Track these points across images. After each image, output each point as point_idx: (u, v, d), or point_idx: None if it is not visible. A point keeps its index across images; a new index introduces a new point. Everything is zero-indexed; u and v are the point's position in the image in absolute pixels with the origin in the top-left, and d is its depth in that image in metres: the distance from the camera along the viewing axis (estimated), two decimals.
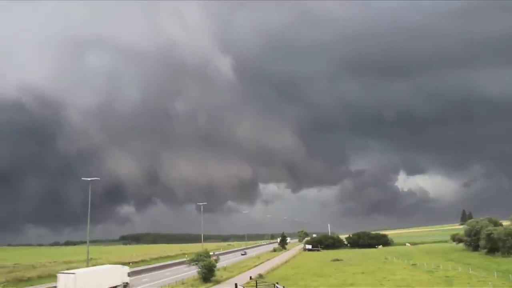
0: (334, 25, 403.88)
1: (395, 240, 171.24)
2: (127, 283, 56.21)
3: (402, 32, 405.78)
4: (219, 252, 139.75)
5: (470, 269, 64.24)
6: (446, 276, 57.36)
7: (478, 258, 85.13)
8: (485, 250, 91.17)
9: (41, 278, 71.18)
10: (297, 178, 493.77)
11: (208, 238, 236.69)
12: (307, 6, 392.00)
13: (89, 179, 71.59)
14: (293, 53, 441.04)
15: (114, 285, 52.57)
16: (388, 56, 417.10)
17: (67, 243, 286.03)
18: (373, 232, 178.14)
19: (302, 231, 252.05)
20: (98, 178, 75.37)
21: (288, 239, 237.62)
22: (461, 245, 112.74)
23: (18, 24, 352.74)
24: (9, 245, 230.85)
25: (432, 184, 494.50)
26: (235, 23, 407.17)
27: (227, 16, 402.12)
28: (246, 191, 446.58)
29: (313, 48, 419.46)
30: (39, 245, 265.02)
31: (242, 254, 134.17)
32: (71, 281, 46.11)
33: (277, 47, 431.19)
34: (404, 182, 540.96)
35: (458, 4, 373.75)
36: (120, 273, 55.75)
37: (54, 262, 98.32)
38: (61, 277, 47.30)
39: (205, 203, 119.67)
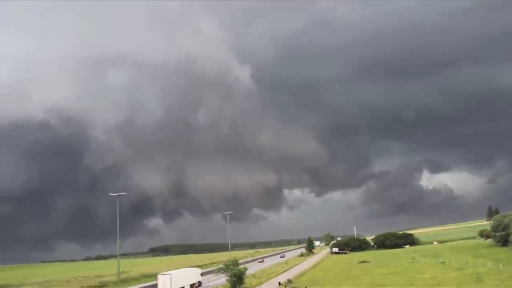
0: (348, 28, 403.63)
1: (422, 239, 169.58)
2: (200, 281, 68.82)
3: (417, 32, 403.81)
4: (262, 256, 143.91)
5: (500, 264, 63.75)
6: (476, 273, 57.11)
7: (507, 253, 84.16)
8: None
9: None
10: (321, 182, 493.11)
11: (236, 246, 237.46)
12: (319, 11, 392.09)
13: (116, 194, 73.77)
14: (308, 59, 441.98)
15: (194, 282, 65.23)
16: (404, 56, 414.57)
17: (98, 258, 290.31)
18: (400, 232, 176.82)
19: (328, 235, 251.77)
20: (125, 193, 77.71)
21: (317, 243, 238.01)
22: (489, 240, 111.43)
23: (40, 45, 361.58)
24: (43, 261, 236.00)
25: (456, 181, 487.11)
26: (250, 34, 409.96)
27: (242, 27, 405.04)
28: (271, 197, 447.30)
29: (328, 53, 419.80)
30: (72, 260, 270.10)
31: (281, 257, 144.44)
32: (168, 280, 58.78)
33: (293, 54, 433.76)
34: (428, 180, 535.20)
35: (472, 1, 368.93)
36: (197, 273, 69.22)
37: (87, 276, 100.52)
38: (160, 277, 60.32)
39: (231, 212, 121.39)
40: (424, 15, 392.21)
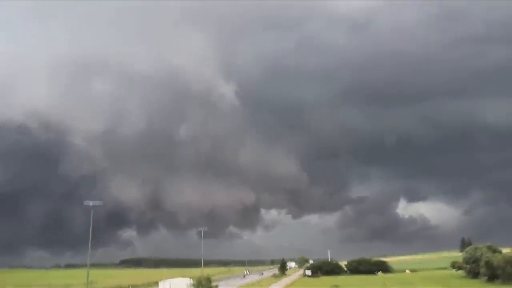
0: (334, 52, 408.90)
1: (396, 267, 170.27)
2: None
3: (402, 60, 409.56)
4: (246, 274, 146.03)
5: None
6: None
7: (478, 285, 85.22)
8: (485, 278, 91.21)
9: None
10: (299, 204, 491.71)
11: (209, 263, 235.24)
12: (306, 33, 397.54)
13: (91, 203, 72.74)
14: (293, 80, 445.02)
15: None
16: (388, 84, 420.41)
17: (68, 266, 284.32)
18: (374, 259, 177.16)
19: (302, 257, 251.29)
20: (101, 202, 76.54)
21: (292, 264, 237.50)
22: (460, 272, 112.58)
23: (25, 47, 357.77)
24: (10, 267, 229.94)
25: (432, 211, 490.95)
26: (237, 52, 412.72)
27: (229, 45, 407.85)
28: (248, 216, 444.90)
29: (313, 75, 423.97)
30: (41, 267, 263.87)
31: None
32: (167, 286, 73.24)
33: (278, 75, 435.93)
34: (405, 209, 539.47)
35: (457, 35, 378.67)
36: (187, 284, 75.44)
37: (53, 285, 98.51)
38: (161, 283, 75.49)
39: (205, 228, 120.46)
40: (409, 45, 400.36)
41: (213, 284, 62.27)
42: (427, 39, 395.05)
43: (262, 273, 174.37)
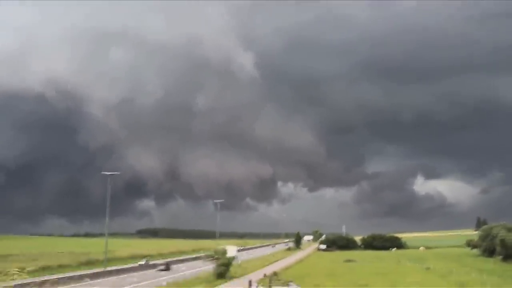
0: (354, 26, 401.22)
1: (410, 244, 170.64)
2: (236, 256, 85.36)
3: (422, 35, 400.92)
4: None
5: (484, 275, 64.39)
6: (460, 281, 57.69)
7: (493, 264, 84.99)
8: (500, 257, 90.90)
9: (61, 267, 73.62)
10: (315, 178, 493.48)
11: (224, 235, 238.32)
12: (327, 6, 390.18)
13: (108, 173, 73.71)
14: (312, 53, 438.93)
15: (234, 255, 76.33)
16: (407, 59, 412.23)
17: (87, 235, 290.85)
18: (388, 235, 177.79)
19: (317, 231, 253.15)
20: (118, 172, 77.65)
21: (309, 237, 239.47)
22: (475, 250, 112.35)
23: (41, 16, 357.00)
24: (31, 234, 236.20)
25: (450, 189, 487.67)
26: (255, 23, 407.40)
27: (248, 16, 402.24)
28: (265, 189, 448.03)
29: (332, 49, 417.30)
30: (60, 235, 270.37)
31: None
32: (231, 248, 79.43)
33: (297, 47, 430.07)
34: (422, 186, 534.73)
35: (485, 9, 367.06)
36: (236, 249, 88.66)
37: (74, 252, 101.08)
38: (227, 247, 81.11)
39: (222, 200, 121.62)
40: (431, 19, 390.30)
41: (229, 256, 63.21)
42: (449, 14, 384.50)
43: (274, 246, 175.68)
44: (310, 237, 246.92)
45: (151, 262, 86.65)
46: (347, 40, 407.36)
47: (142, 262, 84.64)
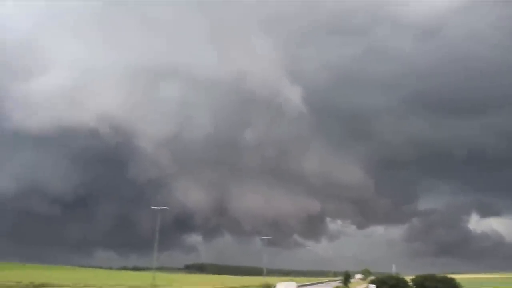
0: (401, 59, 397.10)
1: (464, 285, 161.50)
2: None
3: (472, 67, 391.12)
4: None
5: None
6: None
7: None
8: None
9: None
10: (364, 215, 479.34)
11: (270, 272, 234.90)
12: (373, 39, 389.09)
13: (158, 207, 74.56)
14: (360, 87, 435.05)
15: None
16: (458, 93, 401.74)
17: (135, 268, 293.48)
18: (441, 275, 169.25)
19: (365, 270, 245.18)
20: (167, 208, 78.51)
21: (358, 276, 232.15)
22: None
23: (95, 52, 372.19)
24: (81, 266, 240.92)
25: (507, 227, 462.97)
26: (303, 56, 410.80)
27: (295, 50, 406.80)
28: (313, 225, 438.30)
29: (379, 83, 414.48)
30: (109, 268, 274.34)
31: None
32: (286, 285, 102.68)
33: (344, 81, 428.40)
34: (477, 224, 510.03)
35: None
36: (295, 285, 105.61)
37: (122, 285, 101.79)
38: (279, 284, 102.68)
39: (270, 237, 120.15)
40: (480, 50, 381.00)
41: None
42: (499, 43, 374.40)
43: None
44: (360, 275, 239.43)
45: None
46: (394, 74, 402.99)
47: None
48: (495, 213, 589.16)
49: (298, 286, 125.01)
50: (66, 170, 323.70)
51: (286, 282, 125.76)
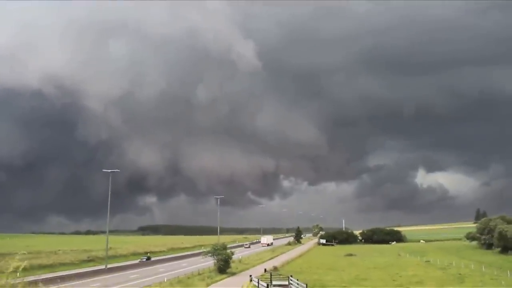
0: (354, 18, 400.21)
1: (410, 237, 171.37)
2: (272, 242, 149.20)
3: (422, 28, 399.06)
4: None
5: (483, 267, 64.84)
6: (459, 274, 58.13)
7: (491, 256, 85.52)
8: (499, 249, 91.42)
9: (62, 265, 73.82)
10: (316, 171, 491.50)
11: (225, 231, 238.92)
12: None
13: (109, 171, 73.84)
14: (312, 45, 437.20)
15: (271, 242, 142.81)
16: (407, 52, 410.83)
17: (88, 233, 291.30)
18: (388, 228, 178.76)
19: (317, 226, 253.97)
20: (118, 170, 77.69)
21: (308, 235, 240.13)
22: (474, 243, 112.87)
23: (39, 10, 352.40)
24: (32, 232, 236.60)
25: (452, 181, 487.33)
26: (255, 13, 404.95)
27: (247, 7, 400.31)
28: (267, 183, 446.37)
29: (332, 42, 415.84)
30: (61, 233, 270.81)
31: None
32: (266, 238, 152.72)
33: (297, 38, 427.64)
34: (424, 178, 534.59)
35: (484, 3, 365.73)
36: (272, 238, 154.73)
37: (75, 250, 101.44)
38: (262, 238, 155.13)
39: (222, 196, 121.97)
40: (432, 11, 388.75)
41: (228, 251, 63.48)
42: (450, 6, 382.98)
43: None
44: (308, 234, 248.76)
45: (156, 259, 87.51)
46: (347, 33, 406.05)
47: (144, 259, 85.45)
48: (441, 168, 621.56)
49: (274, 239, 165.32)
50: (10, 133, 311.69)
51: (266, 236, 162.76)
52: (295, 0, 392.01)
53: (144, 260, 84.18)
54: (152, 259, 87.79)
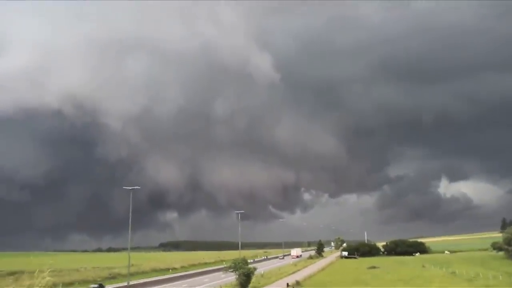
0: (369, 28, 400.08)
1: (434, 248, 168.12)
2: (301, 255, 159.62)
3: (439, 34, 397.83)
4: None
5: None
6: (487, 286, 56.65)
7: None
8: None
9: (85, 282, 74.19)
10: (337, 183, 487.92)
11: (246, 246, 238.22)
12: (341, 9, 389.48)
13: (130, 188, 74.17)
14: (329, 56, 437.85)
15: (300, 254, 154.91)
16: (425, 59, 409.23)
17: (109, 250, 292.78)
18: (411, 240, 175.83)
19: (338, 239, 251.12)
20: (139, 187, 78.00)
21: (328, 248, 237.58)
22: (501, 253, 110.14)
23: (56, 30, 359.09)
24: (55, 250, 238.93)
25: (475, 190, 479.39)
26: (270, 27, 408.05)
27: (262, 20, 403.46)
28: (288, 196, 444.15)
29: (348, 52, 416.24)
30: (83, 251, 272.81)
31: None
32: (296, 250, 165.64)
33: (313, 50, 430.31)
34: (446, 188, 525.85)
35: (503, 5, 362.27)
36: (300, 250, 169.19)
37: (97, 267, 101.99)
38: (292, 251, 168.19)
39: (242, 211, 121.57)
40: (447, 18, 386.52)
41: (250, 266, 63.03)
42: (466, 12, 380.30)
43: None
44: (331, 245, 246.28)
45: (177, 275, 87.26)
46: (362, 43, 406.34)
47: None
48: (463, 176, 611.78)
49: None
50: (33, 154, 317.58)
51: (296, 249, 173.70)
52: (309, 11, 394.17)
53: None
54: (175, 275, 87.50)
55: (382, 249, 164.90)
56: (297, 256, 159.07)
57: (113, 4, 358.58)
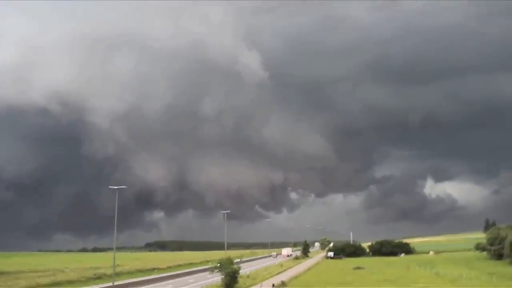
0: (358, 28, 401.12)
1: (419, 249, 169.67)
2: (291, 254, 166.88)
3: (427, 36, 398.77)
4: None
5: (494, 278, 64.00)
6: (471, 286, 57.36)
7: (502, 267, 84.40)
8: (510, 259, 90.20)
9: (69, 283, 73.54)
10: (324, 183, 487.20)
11: (232, 246, 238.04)
12: (331, 9, 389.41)
13: (116, 187, 73.64)
14: (317, 56, 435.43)
15: (291, 253, 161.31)
16: (413, 60, 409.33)
17: (95, 250, 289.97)
18: (396, 241, 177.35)
19: (324, 239, 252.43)
20: (125, 187, 77.45)
21: (316, 247, 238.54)
22: (484, 253, 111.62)
23: (42, 26, 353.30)
24: (40, 250, 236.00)
25: (460, 191, 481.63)
26: (259, 25, 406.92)
27: (251, 18, 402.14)
28: (275, 196, 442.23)
29: (337, 52, 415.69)
30: (69, 251, 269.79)
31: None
32: (287, 250, 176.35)
33: (302, 50, 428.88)
34: (432, 189, 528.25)
35: (490, 7, 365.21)
36: (291, 250, 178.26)
37: (82, 268, 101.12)
38: (283, 249, 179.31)
39: (228, 211, 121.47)
40: (435, 19, 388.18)
41: (235, 266, 63.05)
42: (454, 14, 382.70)
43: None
44: (316, 246, 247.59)
45: (163, 275, 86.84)
46: (351, 43, 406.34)
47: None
48: (449, 177, 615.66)
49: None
50: (17, 152, 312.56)
51: (287, 248, 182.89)
52: (299, 11, 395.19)
53: None
54: (161, 275, 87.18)
55: (368, 250, 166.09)
56: (288, 255, 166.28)
57: (101, 1, 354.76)
